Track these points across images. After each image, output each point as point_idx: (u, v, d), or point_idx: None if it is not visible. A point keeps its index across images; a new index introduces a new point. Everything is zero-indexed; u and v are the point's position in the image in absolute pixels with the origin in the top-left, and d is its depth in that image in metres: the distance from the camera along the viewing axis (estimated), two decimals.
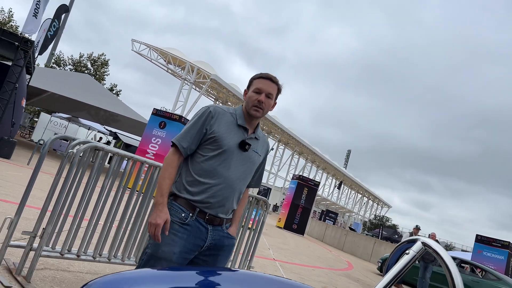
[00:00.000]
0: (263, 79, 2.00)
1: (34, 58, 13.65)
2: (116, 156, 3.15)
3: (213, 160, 1.91)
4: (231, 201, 1.95)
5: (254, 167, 2.06)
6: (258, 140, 2.08)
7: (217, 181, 1.89)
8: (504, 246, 16.12)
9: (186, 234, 1.83)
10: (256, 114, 1.98)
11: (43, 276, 3.06)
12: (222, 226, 1.95)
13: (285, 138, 51.41)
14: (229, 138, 1.93)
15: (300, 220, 20.60)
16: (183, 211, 1.85)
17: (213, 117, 1.93)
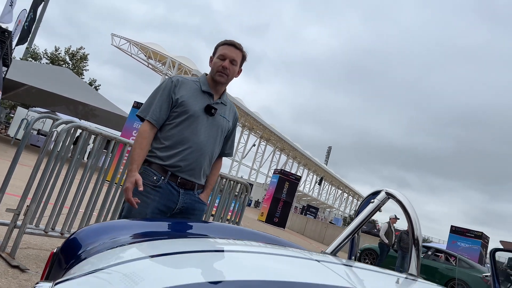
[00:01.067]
0: (228, 46, 2.04)
1: (11, 50, 13.34)
2: (99, 136, 3.22)
3: (181, 125, 1.95)
4: (202, 165, 1.99)
5: (223, 132, 2.10)
6: (225, 106, 2.12)
7: (186, 145, 1.94)
8: (477, 237, 16.73)
9: (157, 196, 1.89)
10: (221, 80, 2.02)
11: (27, 254, 3.11)
12: (194, 191, 2.00)
13: (266, 134, 51.62)
14: (194, 104, 1.97)
15: (281, 213, 20.84)
16: (155, 175, 1.91)
17: (176, 85, 1.98)
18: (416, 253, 1.31)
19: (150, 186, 1.90)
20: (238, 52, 2.05)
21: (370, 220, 12.65)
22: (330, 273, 0.85)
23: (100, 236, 1.27)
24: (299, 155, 60.73)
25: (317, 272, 0.85)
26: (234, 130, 2.24)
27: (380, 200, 1.40)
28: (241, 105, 42.75)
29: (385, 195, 1.40)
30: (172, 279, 0.70)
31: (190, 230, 1.46)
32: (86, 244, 1.22)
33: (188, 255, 0.96)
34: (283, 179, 21.61)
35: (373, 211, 1.39)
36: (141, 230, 1.29)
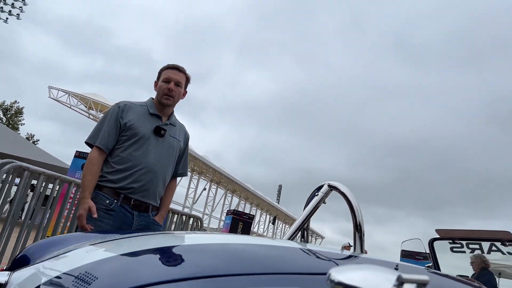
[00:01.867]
0: (171, 69, 2.10)
1: None
2: (42, 176, 3.11)
3: (131, 148, 1.95)
4: (155, 186, 1.98)
5: (175, 152, 2.11)
6: (175, 127, 2.15)
7: (138, 167, 1.93)
8: (425, 258, 17.50)
9: (111, 219, 1.88)
10: (168, 102, 2.06)
11: None
12: (148, 213, 1.99)
13: (216, 177, 51.31)
14: (143, 126, 1.99)
15: None
16: (107, 198, 1.90)
17: (124, 110, 2.00)
18: (359, 238, 1.43)
19: (102, 210, 1.88)
20: (181, 74, 2.11)
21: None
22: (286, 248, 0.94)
23: (50, 249, 1.26)
24: (251, 195, 60.68)
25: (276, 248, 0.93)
26: (186, 149, 2.26)
27: (324, 193, 1.52)
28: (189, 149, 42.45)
29: (328, 188, 1.52)
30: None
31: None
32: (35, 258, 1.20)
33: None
34: (237, 219, 21.29)
35: (318, 203, 1.51)
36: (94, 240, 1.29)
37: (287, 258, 0.77)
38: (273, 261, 0.71)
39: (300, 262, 0.76)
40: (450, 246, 1.91)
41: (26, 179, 3.05)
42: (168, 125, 2.10)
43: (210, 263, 0.69)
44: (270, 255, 0.78)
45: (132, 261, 0.75)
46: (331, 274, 0.50)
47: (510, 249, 1.84)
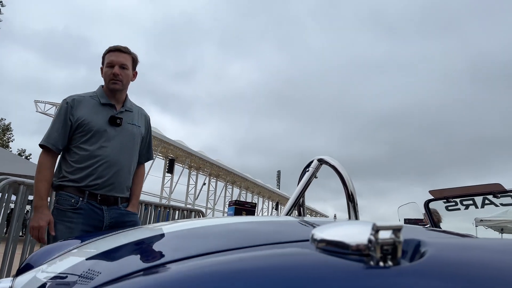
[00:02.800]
0: (113, 52, 1.96)
1: None
2: None
3: (87, 143, 1.86)
4: (120, 178, 1.90)
5: (136, 139, 2.01)
6: (132, 112, 2.03)
7: (99, 162, 1.85)
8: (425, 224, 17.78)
9: (81, 218, 1.80)
10: (116, 87, 1.94)
11: None
12: (118, 205, 1.91)
13: (215, 171, 51.37)
14: (96, 119, 1.89)
15: None
16: (72, 197, 1.81)
17: (73, 106, 1.88)
18: (353, 208, 1.46)
19: (70, 210, 1.79)
20: (125, 55, 1.98)
21: None
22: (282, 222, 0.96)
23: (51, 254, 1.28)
24: (251, 184, 60.92)
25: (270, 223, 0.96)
26: (148, 133, 2.15)
27: (314, 168, 1.55)
28: (184, 146, 42.38)
29: (318, 162, 1.55)
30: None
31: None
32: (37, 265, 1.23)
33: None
34: (239, 209, 21.51)
35: (310, 178, 1.54)
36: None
37: (276, 229, 0.80)
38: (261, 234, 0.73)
39: (289, 232, 0.79)
40: (445, 205, 1.95)
41: (23, 194, 3.05)
42: (124, 112, 1.99)
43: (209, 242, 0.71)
44: (259, 229, 0.80)
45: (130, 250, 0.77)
46: (314, 233, 0.53)
47: (502, 200, 1.90)
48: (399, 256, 0.46)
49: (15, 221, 2.98)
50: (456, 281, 0.43)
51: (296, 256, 0.50)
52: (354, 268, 0.44)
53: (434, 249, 0.50)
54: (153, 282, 0.49)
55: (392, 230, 0.46)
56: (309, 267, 0.45)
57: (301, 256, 0.49)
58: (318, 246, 0.50)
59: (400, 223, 0.46)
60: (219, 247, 0.62)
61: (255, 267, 0.45)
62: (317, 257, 0.48)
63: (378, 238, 0.45)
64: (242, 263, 0.48)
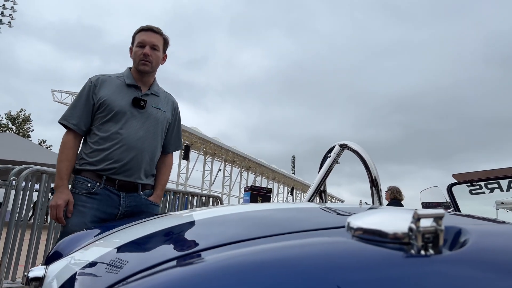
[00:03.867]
0: (145, 31, 1.88)
1: None
2: None
3: (107, 125, 1.79)
4: (140, 163, 1.82)
5: (161, 125, 1.92)
6: (158, 97, 1.95)
7: (118, 144, 1.77)
8: (447, 207, 17.58)
9: (95, 203, 1.73)
10: (145, 69, 1.86)
11: None
12: (138, 192, 1.83)
13: (230, 157, 51.60)
14: (119, 99, 1.81)
15: None
16: (88, 182, 1.75)
17: (96, 85, 1.82)
18: (377, 193, 1.44)
19: (85, 194, 1.73)
20: (157, 36, 1.90)
21: None
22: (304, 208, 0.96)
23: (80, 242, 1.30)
24: (266, 170, 61.08)
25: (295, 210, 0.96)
26: (176, 120, 2.05)
27: (336, 153, 1.53)
28: (199, 132, 42.63)
29: (339, 148, 1.53)
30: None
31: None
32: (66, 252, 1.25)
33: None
34: (255, 194, 21.59)
35: (332, 164, 1.52)
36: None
37: (307, 217, 0.79)
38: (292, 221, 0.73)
39: (320, 219, 0.78)
40: (469, 189, 1.91)
41: (45, 182, 3.11)
42: (150, 95, 1.90)
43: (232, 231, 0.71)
44: (290, 216, 0.80)
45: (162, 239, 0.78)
46: (350, 222, 0.52)
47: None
48: (441, 244, 0.45)
49: (39, 209, 3.05)
50: (502, 269, 0.42)
51: (336, 244, 0.49)
52: (397, 257, 0.43)
53: (476, 236, 0.48)
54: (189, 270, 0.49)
55: (433, 218, 0.45)
56: (350, 255, 0.44)
57: (341, 244, 0.49)
58: (355, 234, 0.50)
59: (441, 211, 0.45)
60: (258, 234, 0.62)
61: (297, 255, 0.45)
62: (357, 246, 0.47)
63: (419, 226, 0.44)
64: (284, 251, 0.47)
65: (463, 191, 1.97)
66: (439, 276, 0.41)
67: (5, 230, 2.87)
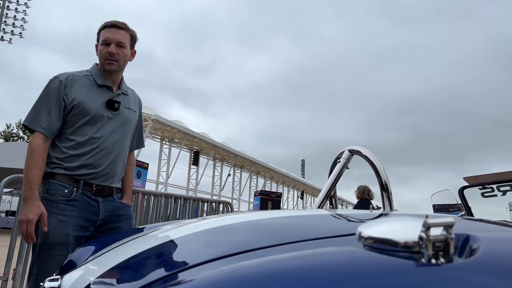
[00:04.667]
0: (109, 28, 1.78)
1: None
2: None
3: (83, 128, 1.71)
4: (116, 167, 1.79)
5: (132, 126, 1.88)
6: (127, 96, 1.89)
7: (96, 149, 1.71)
8: (459, 209, 17.35)
9: (75, 211, 1.64)
10: (111, 68, 1.77)
11: None
12: (113, 196, 1.79)
13: (239, 161, 51.68)
14: (93, 102, 1.73)
15: None
16: (65, 187, 1.64)
17: (67, 85, 1.71)
18: (387, 197, 1.44)
19: (63, 202, 1.62)
20: (123, 32, 1.79)
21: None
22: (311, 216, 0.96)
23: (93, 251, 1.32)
24: (276, 174, 61.01)
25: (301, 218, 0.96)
26: (140, 118, 2.00)
27: (346, 159, 1.53)
28: (208, 138, 42.77)
29: (349, 153, 1.53)
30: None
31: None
32: (80, 262, 1.27)
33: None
34: (265, 199, 21.66)
35: (342, 169, 1.52)
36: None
37: (317, 224, 0.79)
38: (303, 229, 0.73)
39: (331, 227, 0.79)
40: (481, 192, 1.90)
41: None
42: (121, 95, 1.84)
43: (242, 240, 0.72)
44: (301, 224, 0.80)
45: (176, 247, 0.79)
46: (361, 231, 0.52)
47: None
48: (452, 253, 0.45)
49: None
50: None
51: (347, 254, 0.50)
52: (408, 266, 0.44)
53: (487, 243, 0.48)
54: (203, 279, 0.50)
55: (443, 227, 0.46)
56: (362, 265, 0.45)
57: (353, 253, 0.49)
58: (366, 243, 0.50)
59: (451, 219, 0.45)
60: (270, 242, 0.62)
61: (309, 264, 0.46)
62: (369, 255, 0.47)
63: (429, 235, 0.45)
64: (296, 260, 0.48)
65: (475, 193, 1.95)
66: (450, 284, 0.41)
67: (19, 239, 2.91)
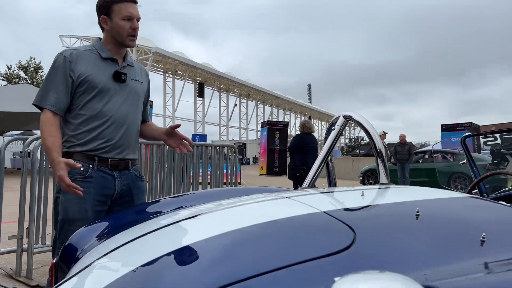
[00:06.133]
0: (129, 3, 1.76)
1: None
2: None
3: (92, 102, 1.72)
4: (129, 139, 1.81)
5: (141, 96, 1.91)
6: (133, 67, 1.88)
7: (107, 122, 1.73)
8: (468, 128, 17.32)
9: (92, 187, 1.69)
10: (133, 44, 1.80)
11: (44, 272, 3.20)
12: (129, 169, 1.83)
13: (245, 91, 51.21)
14: (99, 75, 1.73)
15: (280, 162, 21.23)
16: (81, 165, 1.65)
17: (72, 61, 1.71)
18: (382, 164, 1.39)
19: (79, 179, 1.65)
20: (137, 8, 1.80)
21: (365, 143, 13.36)
22: (296, 205, 0.93)
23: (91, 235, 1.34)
24: (282, 101, 60.77)
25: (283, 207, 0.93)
26: (148, 91, 2.01)
27: (340, 125, 1.47)
28: (212, 69, 42.02)
29: (343, 119, 1.46)
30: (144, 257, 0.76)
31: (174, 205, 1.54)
32: (80, 246, 1.29)
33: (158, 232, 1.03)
34: (272, 129, 21.81)
35: (336, 136, 1.47)
36: (126, 220, 1.35)
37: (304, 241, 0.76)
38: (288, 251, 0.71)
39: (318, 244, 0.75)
40: (483, 140, 1.85)
41: None
42: (126, 67, 1.83)
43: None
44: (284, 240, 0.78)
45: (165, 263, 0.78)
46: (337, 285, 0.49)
47: None
48: None
49: None
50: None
51: None
52: None
53: None
54: None
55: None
56: None
57: None
58: None
59: None
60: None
61: None
62: None
63: None
64: None
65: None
66: None
67: (28, 200, 2.98)
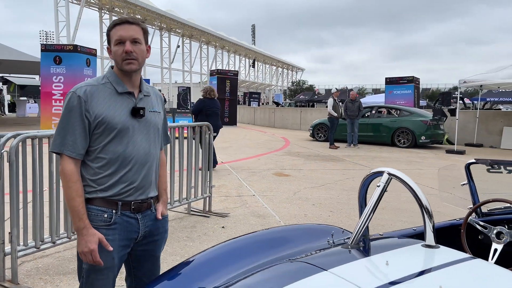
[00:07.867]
0: (119, 25, 1.65)
1: None
2: (51, 139, 2.97)
3: (112, 144, 1.63)
4: (151, 177, 1.75)
5: (160, 127, 1.82)
6: (149, 97, 1.78)
7: (129, 165, 1.66)
8: (409, 81, 18.27)
9: (117, 234, 1.64)
10: (132, 68, 1.65)
11: (26, 271, 3.08)
12: (151, 209, 1.76)
13: (187, 31, 48.86)
14: (118, 114, 1.64)
15: (230, 112, 21.16)
16: (104, 212, 1.62)
17: (86, 100, 1.60)
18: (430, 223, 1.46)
19: (103, 227, 1.61)
20: (135, 27, 1.66)
21: (307, 87, 13.99)
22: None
23: None
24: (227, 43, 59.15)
25: None
26: (165, 116, 1.92)
27: (385, 182, 1.51)
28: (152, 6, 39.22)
29: (388, 176, 1.50)
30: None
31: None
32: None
33: None
34: (223, 78, 21.40)
35: (381, 194, 1.50)
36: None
37: None
38: None
39: None
40: (487, 168, 2.01)
41: (39, 148, 2.92)
42: (143, 98, 1.74)
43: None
44: None
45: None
46: None
47: None
48: None
49: (37, 177, 2.92)
50: None
51: None
52: None
53: None
54: None
55: None
56: None
57: None
58: None
59: None
60: None
61: None
62: None
63: None
64: None
65: (481, 168, 2.06)
66: None
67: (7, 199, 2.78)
